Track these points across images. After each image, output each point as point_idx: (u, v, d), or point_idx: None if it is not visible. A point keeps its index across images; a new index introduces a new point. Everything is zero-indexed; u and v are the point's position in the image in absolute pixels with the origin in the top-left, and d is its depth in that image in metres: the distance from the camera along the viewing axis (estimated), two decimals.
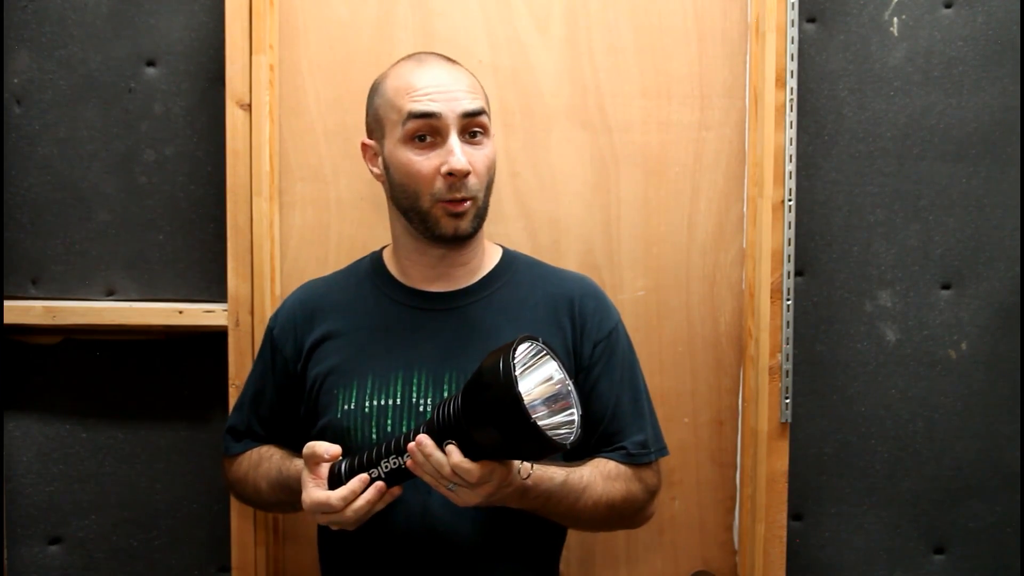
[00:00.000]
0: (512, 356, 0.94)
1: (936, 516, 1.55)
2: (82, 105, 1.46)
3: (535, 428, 0.92)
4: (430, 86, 1.13)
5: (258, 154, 1.42)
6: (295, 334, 1.23)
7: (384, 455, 1.04)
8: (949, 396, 1.55)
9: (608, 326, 1.23)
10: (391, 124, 1.15)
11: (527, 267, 1.27)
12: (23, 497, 1.49)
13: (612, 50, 1.49)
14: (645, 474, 1.21)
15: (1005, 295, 1.54)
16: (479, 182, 1.15)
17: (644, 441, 1.21)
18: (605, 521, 1.18)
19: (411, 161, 1.13)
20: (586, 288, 1.25)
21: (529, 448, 0.96)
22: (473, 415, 0.96)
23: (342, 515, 1.03)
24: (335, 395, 1.17)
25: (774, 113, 1.46)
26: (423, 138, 1.13)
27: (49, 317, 1.42)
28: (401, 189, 1.16)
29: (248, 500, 1.29)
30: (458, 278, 1.22)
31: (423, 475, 1.00)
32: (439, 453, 0.98)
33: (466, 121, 1.13)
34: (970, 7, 1.51)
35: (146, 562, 1.50)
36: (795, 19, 1.46)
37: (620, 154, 1.50)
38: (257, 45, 1.41)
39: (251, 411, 1.27)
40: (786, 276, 1.48)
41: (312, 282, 1.30)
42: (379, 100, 1.18)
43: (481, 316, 1.19)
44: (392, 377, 1.16)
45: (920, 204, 1.53)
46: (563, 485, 1.10)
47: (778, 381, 1.48)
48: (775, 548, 1.49)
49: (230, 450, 1.28)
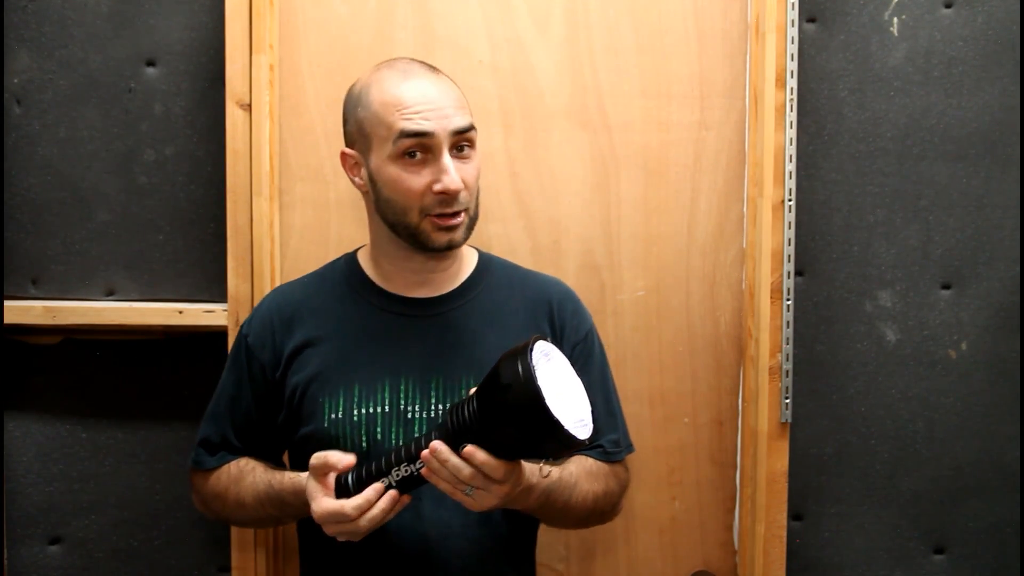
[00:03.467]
0: (530, 355, 0.95)
1: (936, 516, 1.55)
2: (82, 105, 1.46)
3: (559, 426, 0.93)
4: (420, 103, 1.12)
5: (258, 154, 1.42)
6: (273, 341, 1.20)
7: (395, 463, 1.03)
8: (949, 396, 1.55)
9: (584, 328, 1.25)
10: (379, 139, 1.14)
11: (503, 270, 1.28)
12: (23, 497, 1.49)
13: (612, 50, 1.49)
14: (618, 470, 1.25)
15: (1005, 295, 1.54)
16: (469, 195, 1.15)
17: (617, 440, 1.25)
18: (587, 517, 1.20)
19: (401, 178, 1.13)
20: (563, 292, 1.28)
21: (550, 446, 0.97)
22: (491, 416, 0.96)
23: (356, 524, 1.02)
24: (320, 403, 1.16)
25: (774, 113, 1.46)
26: (413, 155, 1.12)
27: (49, 317, 1.42)
28: (388, 203, 1.15)
29: (226, 515, 1.25)
30: (439, 283, 1.22)
31: (438, 482, 0.99)
32: (456, 458, 0.97)
33: (456, 138, 1.13)
34: (970, 7, 1.51)
35: (146, 562, 1.50)
36: (795, 19, 1.46)
37: (620, 154, 1.50)
38: (257, 45, 1.41)
39: (226, 422, 1.23)
40: (786, 276, 1.48)
41: (285, 286, 1.28)
42: (363, 113, 1.15)
43: (464, 322, 1.20)
44: (379, 385, 1.16)
45: (920, 204, 1.53)
46: (559, 482, 1.12)
47: (778, 381, 1.48)
48: (775, 548, 1.49)
49: (204, 464, 1.23)
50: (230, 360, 1.26)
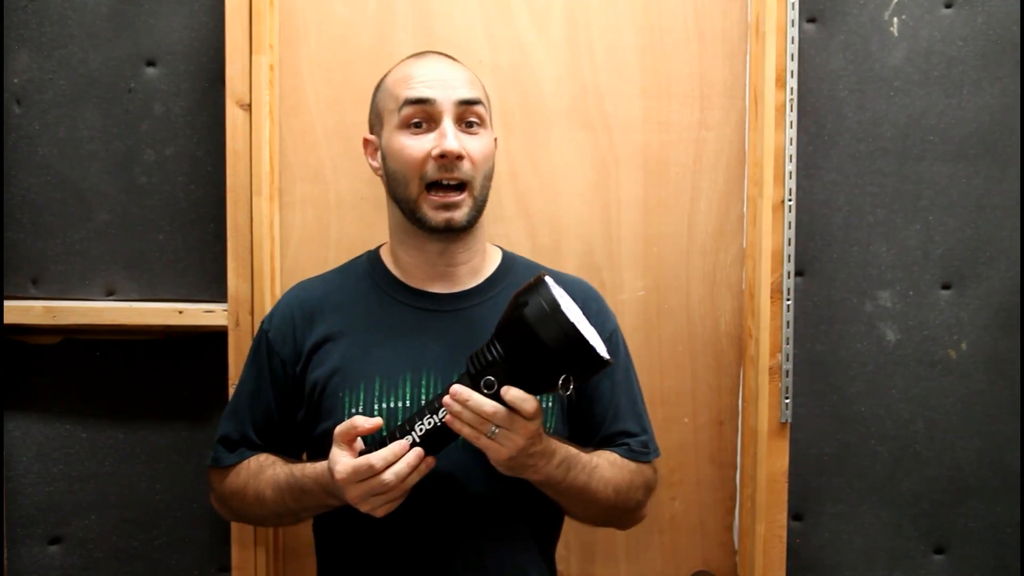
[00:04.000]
0: (547, 282, 1.00)
1: (936, 516, 1.55)
2: (82, 105, 1.46)
3: (585, 342, 0.96)
4: (427, 75, 1.15)
5: (258, 154, 1.42)
6: (294, 336, 1.20)
7: (418, 418, 1.02)
8: (949, 396, 1.54)
9: (609, 328, 1.24)
10: (388, 113, 1.17)
11: (527, 269, 1.27)
12: (23, 497, 1.49)
13: (612, 50, 1.49)
14: (644, 469, 1.23)
15: (1005, 295, 1.54)
16: (473, 168, 1.14)
17: (646, 441, 1.23)
18: (610, 508, 1.17)
19: (404, 146, 1.14)
20: (587, 291, 1.26)
21: (577, 368, 0.98)
22: (516, 348, 0.98)
23: (381, 480, 1.00)
24: (340, 398, 1.15)
25: (774, 113, 1.46)
26: (419, 125, 1.14)
27: (49, 317, 1.42)
28: (393, 177, 1.16)
29: (245, 512, 1.23)
30: (460, 279, 1.21)
31: (461, 428, 0.99)
32: (478, 395, 0.98)
33: (462, 109, 1.14)
34: (970, 7, 1.51)
35: (146, 562, 1.50)
36: (795, 19, 1.46)
37: (620, 154, 1.50)
38: (257, 45, 1.41)
39: (246, 418, 1.21)
40: (786, 276, 1.48)
41: (306, 282, 1.28)
42: (379, 94, 1.21)
43: (486, 318, 1.18)
44: (400, 379, 1.15)
45: (920, 204, 1.53)
46: (579, 456, 1.11)
47: (778, 381, 1.48)
48: (775, 548, 1.49)
49: (223, 461, 1.21)
50: (250, 356, 1.25)
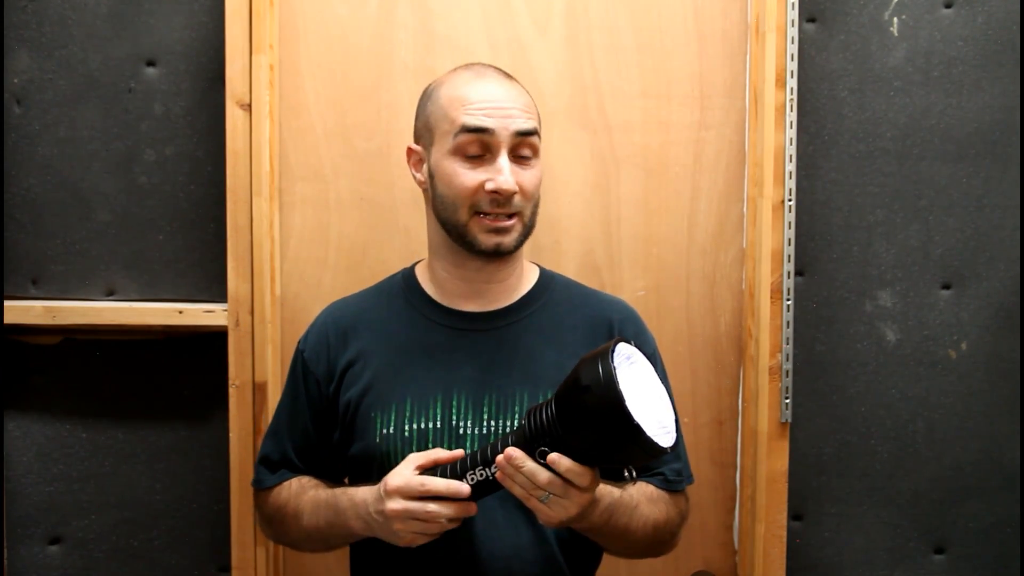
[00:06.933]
0: (612, 356, 0.93)
1: (936, 516, 1.55)
2: (82, 105, 1.46)
3: (639, 431, 0.90)
4: (485, 100, 1.11)
5: (258, 154, 1.42)
6: (328, 355, 1.19)
7: (470, 467, 1.00)
8: (949, 396, 1.54)
9: (647, 351, 1.19)
10: (441, 133, 1.13)
11: (564, 288, 1.25)
12: (23, 497, 1.49)
13: (612, 50, 1.49)
14: (679, 500, 1.21)
15: (1005, 295, 1.54)
16: (524, 201, 1.13)
17: (680, 469, 1.21)
18: (648, 544, 1.16)
19: (457, 173, 1.11)
20: (625, 312, 1.24)
21: (631, 452, 0.93)
22: (570, 420, 0.94)
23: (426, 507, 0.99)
24: (372, 418, 1.14)
25: (774, 113, 1.46)
26: (473, 152, 1.11)
27: (49, 317, 1.42)
28: (442, 200, 1.14)
29: (284, 531, 1.20)
30: (495, 296, 1.19)
31: (512, 486, 0.97)
32: (531, 463, 0.95)
33: (518, 140, 1.12)
34: (970, 7, 1.51)
35: (146, 562, 1.50)
36: (795, 19, 1.46)
37: (620, 154, 1.50)
38: (257, 45, 1.41)
39: (286, 439, 1.21)
40: (786, 276, 1.48)
41: (342, 300, 1.26)
42: (431, 107, 1.16)
43: (520, 338, 1.17)
44: (431, 400, 1.13)
45: (920, 204, 1.53)
46: (620, 499, 1.08)
47: (778, 381, 1.48)
48: (775, 548, 1.49)
49: (264, 482, 1.21)
50: (289, 377, 1.24)
